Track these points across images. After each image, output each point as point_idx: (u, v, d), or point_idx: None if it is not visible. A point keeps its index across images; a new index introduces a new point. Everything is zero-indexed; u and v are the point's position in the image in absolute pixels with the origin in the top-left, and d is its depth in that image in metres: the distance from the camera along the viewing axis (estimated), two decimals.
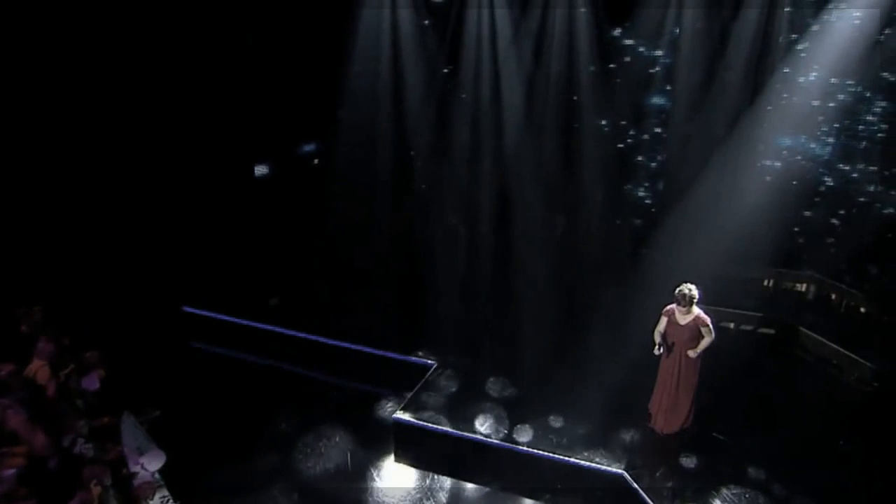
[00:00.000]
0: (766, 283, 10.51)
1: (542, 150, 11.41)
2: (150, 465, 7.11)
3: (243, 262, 11.27)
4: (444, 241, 11.16)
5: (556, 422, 8.01)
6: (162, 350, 9.61)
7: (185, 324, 10.32)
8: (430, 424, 8.02)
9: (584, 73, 11.05)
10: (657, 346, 7.67)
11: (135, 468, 6.98)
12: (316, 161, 13.03)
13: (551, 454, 7.57)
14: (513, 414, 8.13)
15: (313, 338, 9.79)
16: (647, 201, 12.02)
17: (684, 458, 7.48)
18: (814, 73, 10.22)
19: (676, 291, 7.57)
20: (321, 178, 12.33)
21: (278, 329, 9.96)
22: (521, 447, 7.68)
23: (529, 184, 11.14)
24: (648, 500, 6.96)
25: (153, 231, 10.83)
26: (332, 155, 12.15)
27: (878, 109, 10.28)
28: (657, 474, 7.28)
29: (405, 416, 8.17)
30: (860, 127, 10.44)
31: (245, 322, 10.12)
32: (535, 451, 7.63)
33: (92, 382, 7.81)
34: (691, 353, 7.58)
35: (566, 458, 7.52)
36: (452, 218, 11.12)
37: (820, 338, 9.24)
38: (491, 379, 8.78)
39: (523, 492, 7.45)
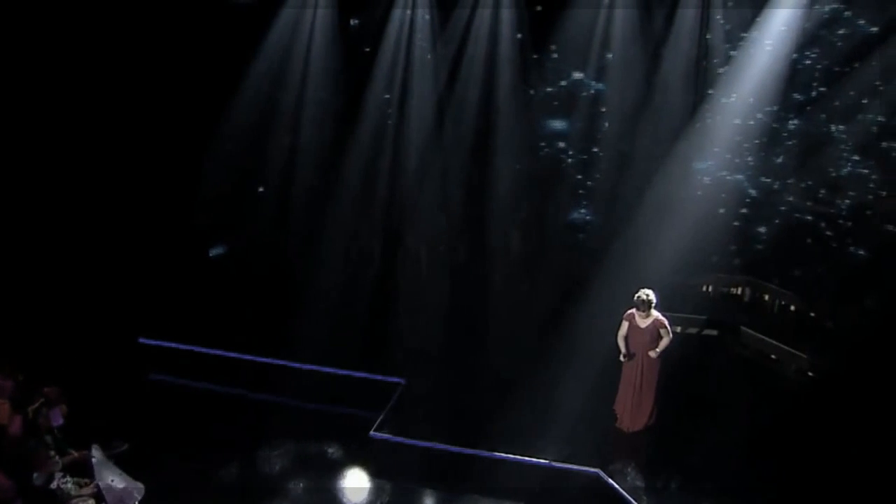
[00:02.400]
0: (704, 288, 11.26)
1: (485, 170, 11.82)
2: (130, 498, 6.93)
3: (195, 288, 11.11)
4: (403, 260, 11.39)
5: (528, 428, 8.32)
6: (120, 383, 9.33)
7: (142, 355, 10.08)
8: (406, 439, 8.18)
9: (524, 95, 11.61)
10: (623, 354, 8.15)
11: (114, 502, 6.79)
12: (261, 189, 12.98)
13: (528, 458, 7.87)
14: (486, 422, 8.38)
15: (275, 362, 9.77)
16: (587, 218, 12.66)
17: (653, 453, 7.95)
18: (734, 94, 11.15)
19: (635, 297, 8.12)
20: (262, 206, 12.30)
21: (240, 356, 9.88)
22: (498, 454, 7.95)
23: (478, 203, 11.56)
24: (625, 495, 7.35)
25: (101, 264, 10.59)
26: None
27: (791, 127, 11.31)
28: (630, 470, 7.70)
29: (382, 434, 8.28)
30: (777, 143, 11.43)
31: (204, 350, 9.98)
32: (512, 456, 7.91)
33: (56, 418, 7.56)
34: (652, 354, 8.12)
35: (543, 462, 7.84)
36: (411, 238, 11.35)
37: (759, 335, 10.02)
38: (459, 391, 9.04)
39: (503, 497, 7.68)
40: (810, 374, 9.44)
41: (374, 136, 11.67)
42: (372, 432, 8.33)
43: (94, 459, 7.28)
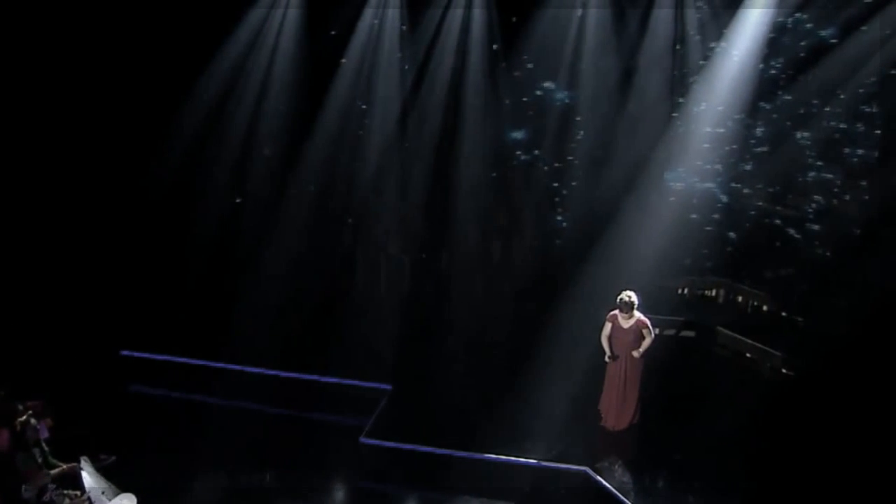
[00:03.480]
0: (680, 291, 11.57)
1: (462, 177, 12.00)
2: None
3: (176, 299, 11.05)
4: (387, 267, 11.50)
5: (516, 429, 8.47)
6: (104, 395, 9.25)
7: (124, 367, 9.98)
8: (397, 443, 8.26)
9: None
10: (608, 354, 8.36)
11: None
12: (238, 200, 12.96)
13: (517, 458, 8.01)
14: (474, 425, 8.52)
15: (260, 371, 9.76)
16: (564, 224, 12.91)
17: (638, 450, 8.16)
18: (704, 103, 11.53)
19: (618, 299, 8.34)
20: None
21: (225, 366, 9.85)
22: (487, 455, 8.08)
23: (457, 210, 11.74)
24: (614, 492, 7.53)
25: (81, 277, 10.51)
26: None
27: (758, 134, 11.73)
28: (617, 467, 7.89)
29: (372, 440, 8.35)
30: (746, 150, 11.84)
31: (187, 361, 9.93)
32: (501, 457, 8.05)
33: (41, 432, 7.49)
34: (636, 353, 8.35)
35: (532, 461, 7.99)
36: (394, 245, 11.47)
37: (735, 335, 10.35)
38: (446, 395, 9.15)
39: (494, 497, 7.80)
40: (785, 370, 9.78)
41: (341, 144, 11.76)
42: (362, 438, 8.38)
43: (83, 472, 7.25)
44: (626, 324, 8.33)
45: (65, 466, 7.24)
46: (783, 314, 10.60)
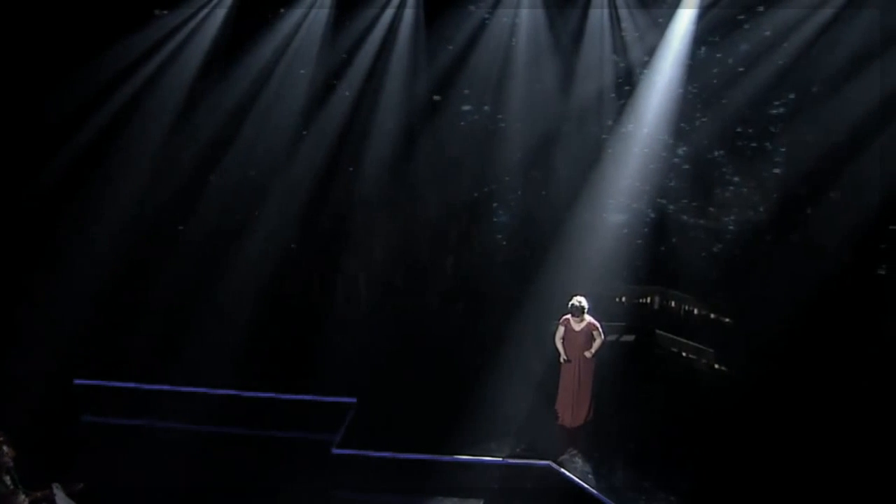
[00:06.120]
0: (618, 299, 12.40)
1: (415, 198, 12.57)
2: None
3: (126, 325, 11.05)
4: (342, 285, 11.88)
5: (479, 431, 8.97)
6: (60, 425, 9.18)
7: (79, 396, 9.92)
8: (369, 452, 8.62)
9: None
10: (563, 356, 9.01)
11: None
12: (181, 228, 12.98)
13: (485, 458, 8.52)
14: (439, 430, 8.95)
15: (219, 392, 9.89)
16: (503, 242, 13.60)
17: (594, 442, 8.83)
18: (632, 125, 12.51)
19: (569, 304, 9.04)
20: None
21: (182, 389, 9.93)
22: (456, 457, 8.55)
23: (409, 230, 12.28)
24: (576, 480, 8.15)
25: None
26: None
27: (680, 153, 12.82)
28: (577, 459, 8.52)
29: (344, 450, 8.67)
30: (670, 168, 12.87)
31: (143, 386, 9.96)
32: (470, 457, 8.54)
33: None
34: (587, 354, 9.05)
35: (498, 460, 8.52)
36: (352, 263, 11.87)
37: (671, 336, 11.29)
38: (410, 404, 9.60)
39: (466, 496, 8.27)
40: (717, 366, 10.78)
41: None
42: (334, 449, 8.68)
43: (57, 497, 7.25)
44: (577, 326, 9.02)
45: (39, 494, 7.24)
46: (712, 315, 11.60)
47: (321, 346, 10.79)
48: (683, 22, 11.23)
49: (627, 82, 12.24)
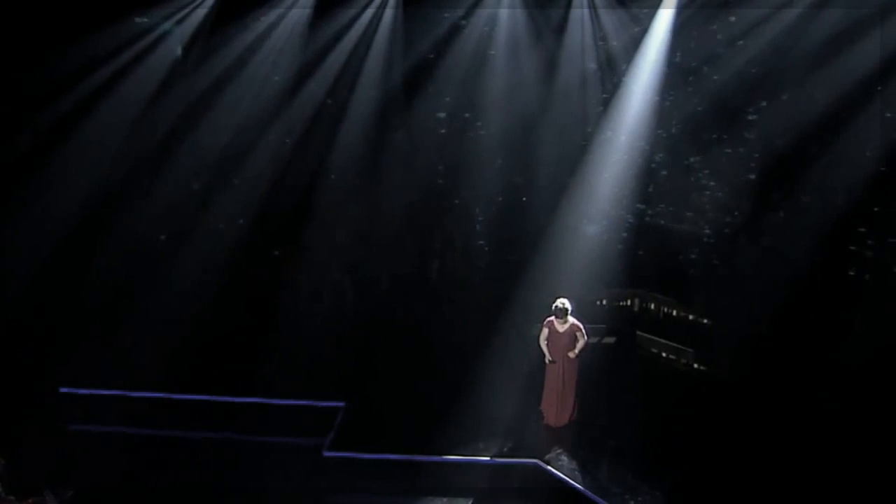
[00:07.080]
0: (599, 302, 12.66)
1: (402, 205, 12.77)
2: None
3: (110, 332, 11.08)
4: (329, 289, 12.01)
5: (467, 432, 9.14)
6: (47, 434, 9.18)
7: (65, 405, 9.91)
8: (360, 454, 8.76)
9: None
10: (547, 357, 9.23)
11: None
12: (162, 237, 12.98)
13: (473, 458, 8.71)
14: (428, 431, 9.12)
15: (208, 398, 9.97)
16: (486, 248, 13.83)
17: (579, 440, 9.07)
18: (610, 132, 12.84)
19: (553, 306, 9.27)
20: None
21: (170, 396, 10.00)
22: (445, 457, 8.72)
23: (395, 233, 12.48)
24: (562, 477, 8.36)
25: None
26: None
27: (658, 159, 13.16)
28: (562, 457, 8.73)
29: (335, 452, 8.80)
30: (647, 174, 13.19)
31: (128, 394, 9.99)
32: (459, 457, 8.72)
33: None
34: (571, 354, 9.27)
35: (486, 459, 8.70)
36: (336, 270, 12.01)
37: (651, 337, 11.57)
38: (398, 406, 9.76)
39: (455, 495, 8.43)
40: (696, 365, 11.09)
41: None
42: (325, 452, 8.81)
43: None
44: (561, 328, 9.25)
45: (30, 500, 7.29)
46: (691, 317, 11.92)
47: (307, 349, 10.89)
48: (660, 32, 11.64)
49: (603, 87, 12.62)
